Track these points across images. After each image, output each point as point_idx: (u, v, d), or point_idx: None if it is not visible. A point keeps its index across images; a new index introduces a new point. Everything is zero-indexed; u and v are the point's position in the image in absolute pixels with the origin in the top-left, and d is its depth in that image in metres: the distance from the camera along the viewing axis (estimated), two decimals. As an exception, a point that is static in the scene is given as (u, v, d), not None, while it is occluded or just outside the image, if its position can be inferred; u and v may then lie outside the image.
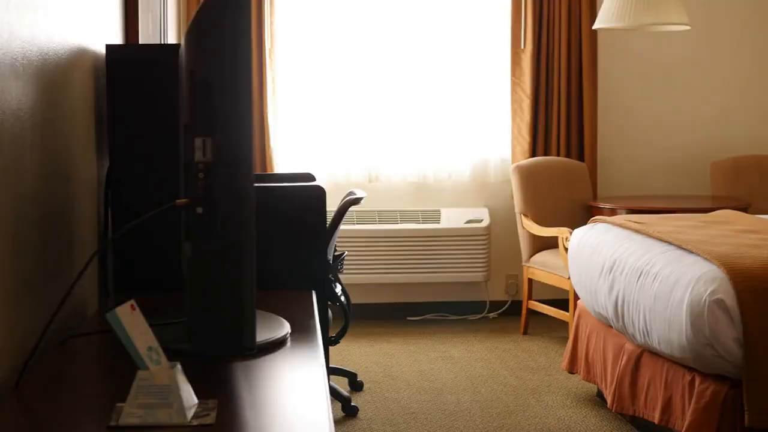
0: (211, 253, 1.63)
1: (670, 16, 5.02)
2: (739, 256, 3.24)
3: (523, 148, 5.91)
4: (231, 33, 1.55)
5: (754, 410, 2.98)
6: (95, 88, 2.64)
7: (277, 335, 1.98)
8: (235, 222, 1.62)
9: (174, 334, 1.85)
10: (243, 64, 1.57)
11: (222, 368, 1.77)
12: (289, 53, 5.89)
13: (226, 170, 1.59)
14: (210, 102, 1.55)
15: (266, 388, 1.71)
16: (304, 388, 1.72)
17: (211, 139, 1.57)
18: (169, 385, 1.50)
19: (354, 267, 5.83)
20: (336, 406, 4.26)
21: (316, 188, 2.76)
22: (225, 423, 1.50)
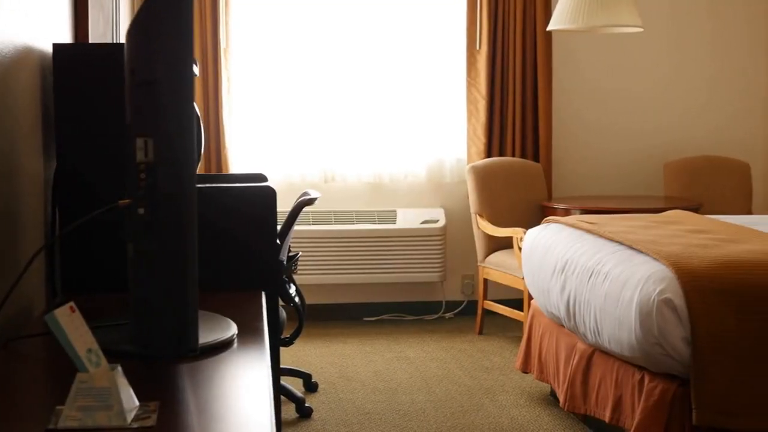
0: (152, 254, 1.62)
1: (622, 18, 5.06)
2: (688, 255, 3.27)
3: (478, 148, 5.93)
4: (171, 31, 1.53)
5: (702, 409, 3.02)
6: (42, 87, 2.61)
7: (223, 336, 1.97)
8: (176, 222, 1.61)
9: (118, 335, 1.84)
10: (184, 63, 1.56)
11: (165, 370, 1.75)
12: (245, 53, 5.86)
13: (167, 170, 1.58)
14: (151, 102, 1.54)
15: (209, 390, 1.70)
16: (249, 390, 1.71)
17: (153, 139, 1.56)
18: (108, 388, 1.48)
19: (310, 268, 5.82)
20: (290, 408, 4.25)
21: (266, 189, 2.75)
22: (166, 425, 1.49)
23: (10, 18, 2.26)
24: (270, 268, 2.79)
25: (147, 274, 1.63)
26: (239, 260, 2.73)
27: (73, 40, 3.14)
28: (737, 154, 6.22)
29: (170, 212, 1.59)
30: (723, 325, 3.04)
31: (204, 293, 2.55)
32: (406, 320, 6.04)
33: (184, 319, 1.67)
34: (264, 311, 2.37)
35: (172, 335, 1.68)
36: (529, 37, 5.93)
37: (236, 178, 3.43)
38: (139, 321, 1.70)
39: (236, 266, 2.72)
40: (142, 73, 1.55)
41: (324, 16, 5.93)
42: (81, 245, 2.59)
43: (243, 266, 2.73)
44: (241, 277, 2.72)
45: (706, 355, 3.02)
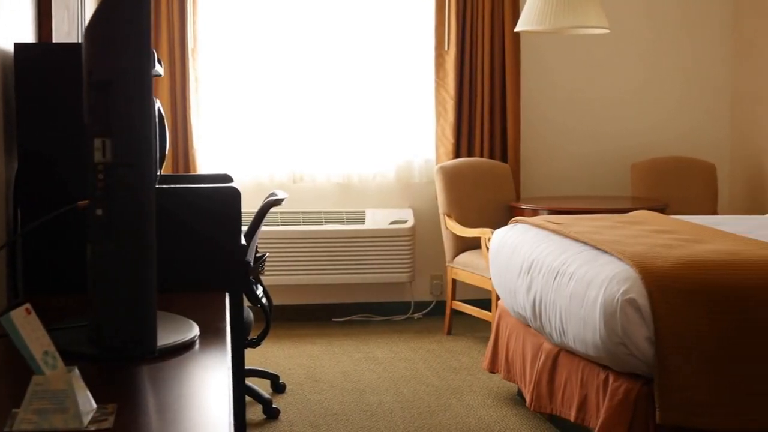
0: (111, 254, 1.61)
1: (589, 20, 5.09)
2: (652, 256, 3.29)
3: (447, 149, 5.94)
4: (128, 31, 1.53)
5: (665, 408, 3.04)
6: (3, 86, 2.59)
7: (184, 338, 1.96)
8: (134, 223, 1.60)
9: (76, 337, 1.82)
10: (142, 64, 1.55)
11: (124, 372, 1.74)
12: (213, 53, 5.84)
13: (125, 171, 1.57)
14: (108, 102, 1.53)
15: (168, 392, 1.69)
16: (209, 391, 1.71)
17: (110, 139, 1.55)
18: (65, 390, 1.47)
19: (279, 268, 5.80)
20: (257, 409, 4.24)
21: (230, 189, 2.73)
22: (123, 427, 1.48)
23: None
24: (234, 269, 2.78)
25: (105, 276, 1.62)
26: (203, 261, 2.72)
27: (37, 39, 3.11)
28: (703, 155, 6.27)
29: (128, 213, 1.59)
30: (686, 325, 3.06)
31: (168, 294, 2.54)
32: (375, 321, 6.05)
33: (143, 320, 1.66)
34: (227, 312, 2.36)
35: (130, 337, 1.67)
36: (498, 38, 5.95)
37: (201, 178, 3.41)
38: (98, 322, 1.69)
39: (200, 267, 2.70)
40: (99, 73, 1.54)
41: (292, 16, 5.92)
42: (43, 246, 2.56)
43: (207, 267, 2.72)
44: (206, 278, 2.70)
45: (670, 354, 3.05)
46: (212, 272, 2.72)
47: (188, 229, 2.70)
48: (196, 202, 2.73)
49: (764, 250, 3.37)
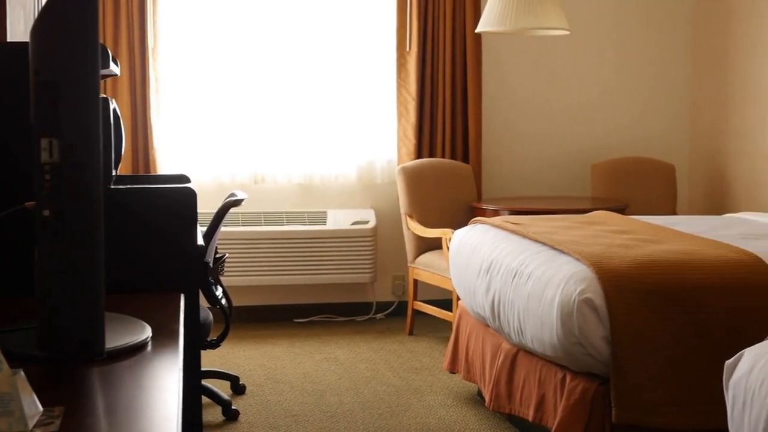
0: (58, 256, 1.59)
1: (549, 21, 5.11)
2: (609, 256, 3.32)
3: (408, 149, 5.95)
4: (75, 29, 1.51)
5: (621, 407, 3.06)
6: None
7: (136, 340, 1.94)
8: (81, 224, 1.59)
9: (24, 339, 1.80)
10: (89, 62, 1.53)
11: (72, 375, 1.72)
12: (174, 52, 5.81)
13: (72, 171, 1.55)
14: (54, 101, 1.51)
15: (118, 394, 1.68)
16: (158, 394, 1.69)
17: (57, 139, 1.53)
18: (9, 393, 1.45)
19: (240, 269, 5.78)
20: (216, 410, 4.22)
21: (186, 190, 2.72)
22: (70, 430, 1.46)
23: None
24: (190, 270, 2.76)
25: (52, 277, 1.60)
26: (159, 262, 2.69)
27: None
28: (663, 156, 6.33)
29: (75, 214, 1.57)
30: (642, 325, 3.09)
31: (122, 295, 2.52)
32: (337, 321, 6.04)
33: (91, 322, 1.64)
34: (181, 313, 2.34)
35: (78, 339, 1.65)
36: (459, 39, 5.97)
37: (158, 179, 3.39)
38: (45, 324, 1.67)
39: (156, 268, 2.68)
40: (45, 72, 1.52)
41: (254, 15, 5.90)
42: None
43: (163, 268, 2.70)
44: (161, 279, 2.68)
45: (626, 354, 3.07)
46: (168, 273, 2.70)
47: (143, 230, 2.68)
48: (151, 202, 2.71)
49: (719, 250, 3.41)
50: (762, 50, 5.71)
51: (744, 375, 2.25)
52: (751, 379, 2.21)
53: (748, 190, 5.88)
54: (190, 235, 2.75)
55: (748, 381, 2.23)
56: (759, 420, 2.16)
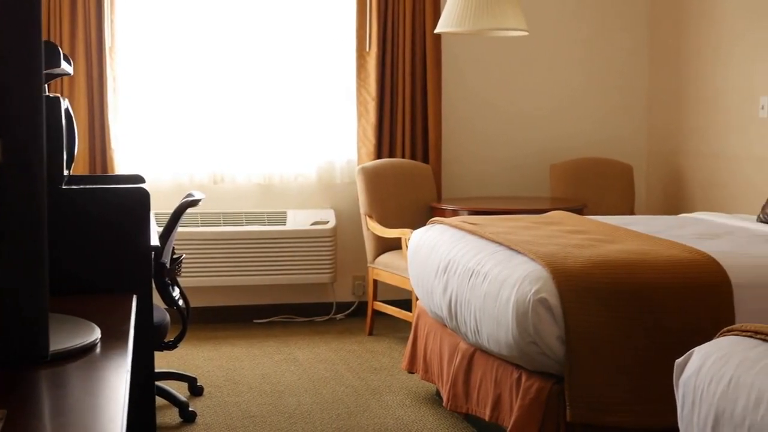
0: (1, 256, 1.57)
1: (508, 22, 5.13)
2: (564, 256, 3.33)
3: (368, 149, 5.95)
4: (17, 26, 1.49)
5: (575, 406, 3.08)
6: None
7: (84, 342, 1.93)
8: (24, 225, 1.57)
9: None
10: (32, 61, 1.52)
11: (17, 377, 1.70)
12: (131, 52, 5.76)
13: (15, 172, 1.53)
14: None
15: (63, 397, 1.66)
16: (104, 396, 1.68)
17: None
18: (-51, 396, 1.44)
19: (199, 270, 5.75)
20: (173, 412, 4.19)
21: (138, 190, 2.69)
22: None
23: None
24: (143, 271, 2.74)
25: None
26: (111, 263, 2.67)
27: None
28: (620, 157, 6.38)
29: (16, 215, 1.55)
30: (596, 324, 3.11)
31: (73, 297, 2.50)
32: (297, 322, 6.02)
33: (34, 324, 1.63)
34: (132, 315, 2.33)
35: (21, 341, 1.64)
36: (419, 39, 5.98)
37: (112, 179, 3.36)
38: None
39: (108, 269, 2.66)
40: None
41: (213, 14, 5.87)
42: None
43: (115, 269, 2.68)
44: (114, 280, 2.66)
45: (580, 353, 3.09)
46: (120, 274, 2.68)
47: (95, 230, 2.66)
48: (103, 202, 2.68)
49: (672, 250, 3.44)
50: (716, 51, 5.77)
51: (693, 374, 2.27)
52: (699, 378, 2.24)
53: (704, 190, 5.94)
54: (142, 236, 2.73)
55: (697, 380, 2.25)
56: (707, 418, 2.18)
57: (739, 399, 2.06)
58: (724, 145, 5.72)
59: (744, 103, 5.53)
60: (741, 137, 5.56)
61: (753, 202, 5.24)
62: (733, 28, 5.63)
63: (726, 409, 2.11)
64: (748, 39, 5.49)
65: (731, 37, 5.65)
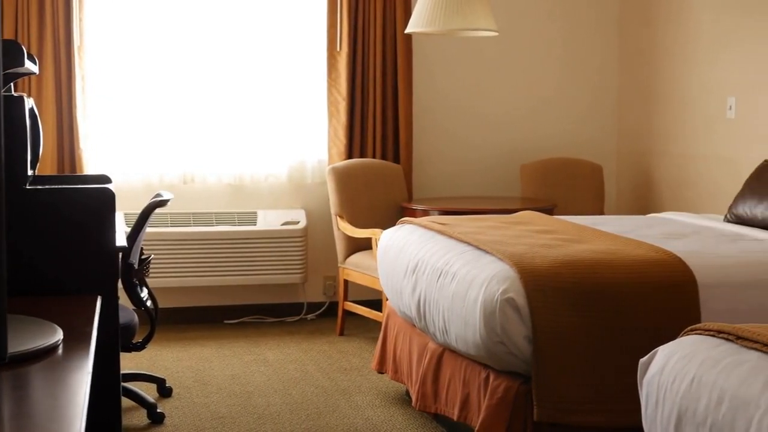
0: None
1: (478, 22, 5.14)
2: (532, 256, 3.34)
3: (339, 149, 5.94)
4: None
5: (542, 405, 3.09)
6: None
7: (45, 343, 1.91)
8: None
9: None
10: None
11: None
12: (101, 51, 5.73)
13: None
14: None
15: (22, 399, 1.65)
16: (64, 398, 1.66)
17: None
18: None
19: (169, 270, 5.72)
20: (141, 413, 4.17)
21: (103, 191, 2.68)
22: (-33, 437, 1.43)
23: None
24: (108, 272, 2.72)
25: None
26: (76, 264, 2.65)
27: None
28: (591, 157, 6.41)
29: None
30: (562, 324, 3.12)
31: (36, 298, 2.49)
32: (267, 322, 6.01)
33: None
34: (96, 316, 2.31)
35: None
36: (389, 39, 5.98)
37: (78, 179, 3.34)
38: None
39: (72, 270, 2.64)
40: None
41: (183, 13, 5.84)
42: None
43: (80, 270, 2.66)
44: (78, 281, 2.64)
45: (547, 352, 3.10)
46: (85, 275, 2.66)
47: (60, 231, 2.64)
48: (68, 203, 2.66)
49: (639, 250, 3.46)
50: (685, 52, 5.81)
51: (657, 373, 2.29)
52: (663, 377, 2.25)
53: (673, 190, 5.98)
54: (107, 236, 2.72)
55: (660, 379, 2.26)
56: (671, 417, 2.19)
57: (702, 398, 2.08)
58: (693, 146, 5.76)
59: (712, 104, 5.57)
60: (709, 138, 5.61)
61: (721, 202, 5.28)
62: (702, 29, 5.67)
63: (689, 408, 2.12)
64: (716, 40, 5.53)
65: (699, 38, 5.69)
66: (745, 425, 1.92)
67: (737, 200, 4.38)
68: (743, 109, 5.30)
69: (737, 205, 4.35)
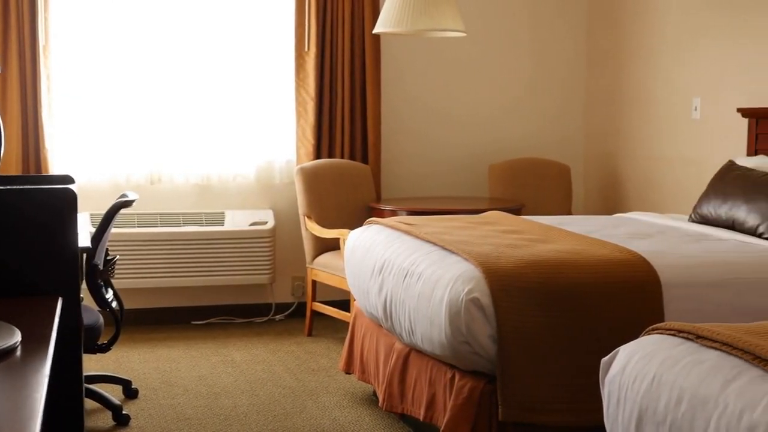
0: None
1: (446, 23, 5.14)
2: (497, 256, 3.35)
3: (307, 149, 5.93)
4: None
5: (507, 405, 3.09)
6: None
7: (3, 345, 1.90)
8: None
9: None
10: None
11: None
12: (66, 50, 5.68)
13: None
14: None
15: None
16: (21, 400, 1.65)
17: None
18: None
19: (137, 271, 5.69)
20: (107, 415, 4.14)
21: (65, 191, 2.65)
22: None
23: None
24: (70, 273, 2.70)
25: None
26: (37, 265, 2.63)
27: None
28: (558, 157, 6.44)
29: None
30: (527, 323, 3.13)
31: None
32: (235, 323, 5.99)
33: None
34: (56, 317, 2.29)
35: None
36: (358, 39, 5.97)
37: (41, 179, 3.31)
38: None
39: (34, 271, 2.62)
40: None
41: (150, 12, 5.81)
42: None
43: (41, 271, 2.63)
44: (40, 282, 2.62)
45: (512, 352, 3.10)
46: (47, 276, 2.64)
47: (21, 231, 2.61)
48: (29, 203, 2.64)
49: (603, 250, 3.47)
50: (651, 54, 5.85)
51: (618, 372, 2.30)
52: (624, 377, 2.26)
53: (639, 190, 6.02)
54: (69, 237, 2.69)
55: (622, 378, 2.27)
56: (632, 416, 2.20)
57: (662, 397, 2.09)
58: (659, 147, 5.80)
59: (677, 105, 5.61)
60: (674, 138, 5.65)
61: (686, 202, 5.31)
62: (668, 31, 5.71)
63: (649, 407, 2.13)
64: (682, 42, 5.57)
65: (666, 40, 5.73)
66: (704, 424, 1.93)
67: (702, 200, 4.41)
68: (708, 110, 5.34)
69: (702, 205, 4.38)
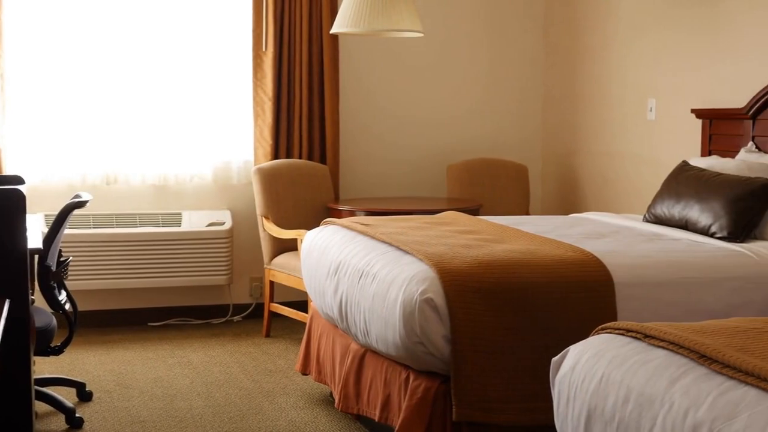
0: None
1: (403, 23, 5.14)
2: (451, 256, 3.35)
3: (265, 150, 5.91)
4: None
5: (461, 405, 3.10)
6: None
7: (-56, 348, 1.87)
8: None
9: None
10: None
11: None
12: (21, 49, 5.61)
13: None
14: None
15: None
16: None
17: None
18: None
19: (92, 273, 5.63)
20: (59, 418, 4.10)
21: (11, 192, 2.63)
22: None
23: None
24: (18, 275, 2.67)
25: None
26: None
27: None
28: (516, 157, 6.46)
29: None
30: (480, 323, 3.13)
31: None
32: (192, 324, 5.95)
33: None
34: (2, 319, 2.26)
35: None
36: (316, 39, 5.96)
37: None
38: None
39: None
40: None
41: (105, 11, 5.75)
42: None
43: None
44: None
45: (465, 352, 3.11)
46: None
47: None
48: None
49: (557, 250, 3.49)
50: (608, 54, 5.89)
51: (568, 372, 2.31)
52: (574, 376, 2.27)
53: (596, 190, 6.06)
54: (17, 238, 2.67)
55: (571, 377, 2.28)
56: (581, 415, 2.21)
57: (609, 396, 2.10)
58: (615, 146, 5.84)
59: (633, 105, 5.65)
60: (630, 138, 5.69)
61: (641, 201, 5.35)
62: (624, 32, 5.75)
63: (597, 406, 2.15)
64: (638, 43, 5.62)
65: (622, 40, 5.78)
66: (650, 423, 1.95)
67: (656, 200, 4.44)
68: (663, 111, 5.39)
69: (656, 205, 4.42)
